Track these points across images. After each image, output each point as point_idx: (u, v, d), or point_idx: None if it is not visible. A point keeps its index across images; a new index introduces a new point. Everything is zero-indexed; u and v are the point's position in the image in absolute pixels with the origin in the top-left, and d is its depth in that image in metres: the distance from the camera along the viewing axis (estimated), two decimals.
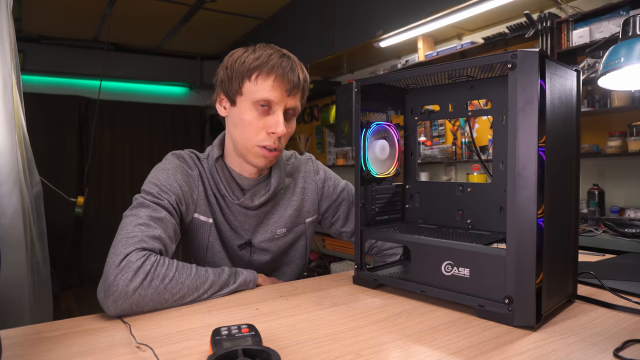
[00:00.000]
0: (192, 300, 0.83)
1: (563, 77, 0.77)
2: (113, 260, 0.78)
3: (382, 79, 0.94)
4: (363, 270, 0.95)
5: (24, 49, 4.65)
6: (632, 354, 0.59)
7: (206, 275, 0.86)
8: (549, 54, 1.12)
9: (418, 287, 0.84)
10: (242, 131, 0.97)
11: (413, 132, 1.04)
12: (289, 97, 0.96)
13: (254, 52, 0.96)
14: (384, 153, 0.98)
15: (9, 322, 1.04)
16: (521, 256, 0.69)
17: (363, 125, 0.95)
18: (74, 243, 4.94)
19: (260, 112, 0.95)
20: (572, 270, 0.81)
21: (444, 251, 0.80)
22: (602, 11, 2.19)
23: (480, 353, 0.61)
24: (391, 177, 1.03)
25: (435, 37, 3.16)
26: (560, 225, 0.76)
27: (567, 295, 0.80)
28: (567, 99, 0.78)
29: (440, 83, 0.94)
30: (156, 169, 0.98)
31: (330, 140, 4.43)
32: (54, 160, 4.83)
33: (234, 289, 0.90)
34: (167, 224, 0.89)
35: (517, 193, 0.69)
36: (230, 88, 0.97)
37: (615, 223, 1.97)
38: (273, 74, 0.93)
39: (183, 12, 4.18)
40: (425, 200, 1.02)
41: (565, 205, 0.78)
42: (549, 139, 0.70)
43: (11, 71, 1.10)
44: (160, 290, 0.79)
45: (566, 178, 0.78)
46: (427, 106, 1.05)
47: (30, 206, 1.19)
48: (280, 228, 1.08)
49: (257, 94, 0.94)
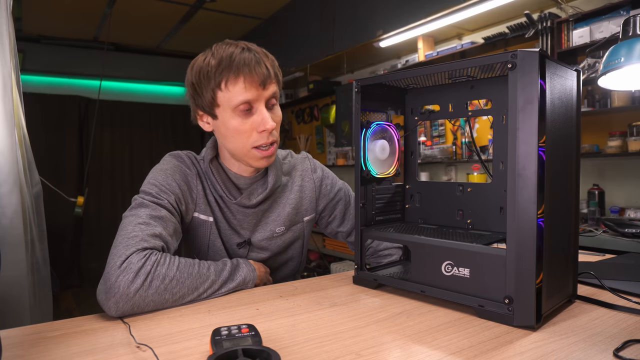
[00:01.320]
0: (191, 300, 0.84)
1: (563, 77, 0.77)
2: (114, 261, 0.78)
3: (382, 79, 0.94)
4: (363, 271, 0.95)
5: (24, 49, 4.64)
6: (632, 354, 0.59)
7: (207, 274, 0.86)
8: (549, 54, 1.11)
9: (418, 287, 0.84)
10: (233, 140, 0.95)
11: (413, 132, 1.04)
12: (265, 89, 0.93)
13: (213, 57, 0.92)
14: (384, 153, 0.98)
15: (8, 322, 1.04)
16: (521, 256, 0.69)
17: (363, 125, 0.94)
18: (74, 243, 4.94)
19: (244, 116, 0.93)
20: (572, 270, 0.81)
21: (444, 251, 0.80)
22: (602, 11, 2.19)
23: (480, 353, 0.61)
24: (391, 177, 1.03)
25: (435, 37, 3.16)
26: (560, 225, 0.76)
27: (567, 295, 0.80)
28: (568, 99, 0.78)
29: (441, 83, 0.94)
30: (154, 170, 0.98)
31: (330, 140, 4.43)
32: (54, 160, 4.83)
33: (233, 288, 0.90)
34: (168, 222, 0.90)
35: (517, 193, 0.69)
36: (205, 103, 0.95)
37: (615, 223, 1.97)
38: (241, 74, 0.90)
39: (183, 12, 4.18)
40: (425, 200, 1.02)
41: (565, 205, 0.78)
42: (549, 139, 0.70)
43: (11, 71, 1.10)
44: (160, 290, 0.79)
45: (566, 178, 0.78)
46: (427, 106, 1.05)
47: (30, 206, 1.19)
48: (279, 226, 1.08)
49: (233, 100, 0.91)
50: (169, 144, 5.63)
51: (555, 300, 0.75)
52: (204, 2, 3.89)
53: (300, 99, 4.52)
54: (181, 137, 5.77)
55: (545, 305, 0.70)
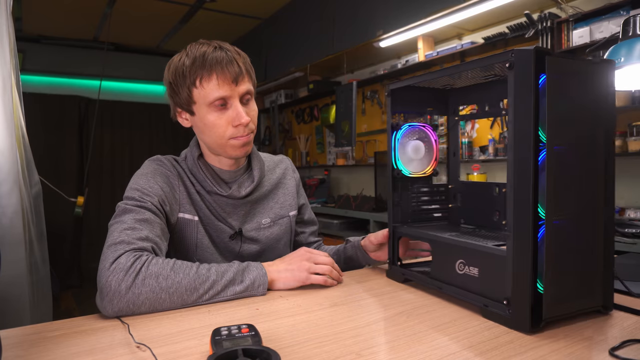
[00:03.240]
0: (193, 302, 0.82)
1: (581, 73, 0.70)
2: (103, 265, 0.80)
3: (411, 82, 0.94)
4: (395, 265, 0.99)
5: (24, 49, 4.64)
6: (628, 353, 0.59)
7: (207, 275, 0.84)
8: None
9: (437, 284, 0.85)
10: (210, 134, 0.99)
11: (453, 131, 1.04)
12: (238, 85, 0.97)
13: (187, 56, 0.96)
14: (418, 153, 1.01)
15: (8, 322, 1.04)
16: (518, 258, 0.68)
17: (393, 127, 0.98)
18: (74, 243, 4.94)
19: (219, 111, 0.97)
20: (602, 279, 0.73)
21: (457, 250, 0.81)
22: (602, 11, 2.19)
23: (480, 353, 0.61)
24: (429, 177, 1.04)
25: (435, 37, 3.16)
26: (577, 230, 0.70)
27: (595, 305, 0.73)
28: (588, 95, 0.71)
29: (474, 83, 0.94)
30: (135, 175, 1.01)
31: (330, 140, 4.43)
32: (53, 160, 4.82)
33: (240, 292, 0.86)
34: (153, 224, 0.90)
35: (514, 193, 0.68)
36: (182, 100, 0.99)
37: (616, 223, 1.97)
38: (213, 72, 0.94)
39: (183, 12, 4.18)
40: (466, 200, 1.02)
41: (586, 208, 0.71)
42: (554, 138, 0.66)
43: (11, 71, 1.10)
44: (156, 290, 0.79)
45: (588, 179, 0.71)
46: (463, 106, 1.06)
47: (29, 206, 1.19)
48: (264, 218, 1.11)
49: (208, 96, 0.95)
50: (169, 144, 5.62)
51: (568, 308, 0.70)
52: (204, 2, 3.88)
53: (300, 99, 4.52)
54: (181, 137, 5.76)
55: (551, 310, 0.67)
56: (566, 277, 0.69)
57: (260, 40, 4.51)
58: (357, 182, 4.11)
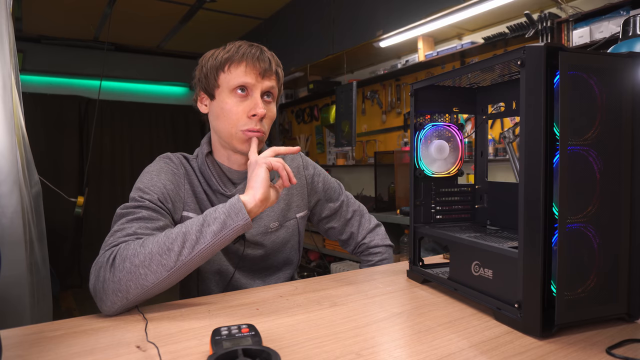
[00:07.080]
0: (175, 263, 0.77)
1: (602, 70, 0.66)
2: (91, 272, 0.82)
3: (433, 81, 0.93)
4: (416, 266, 0.98)
5: (24, 49, 4.64)
6: (626, 352, 0.59)
7: (176, 232, 0.79)
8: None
9: (453, 285, 0.85)
10: (224, 120, 1.00)
11: (481, 131, 1.03)
12: (264, 79, 1.00)
13: (224, 48, 1.02)
14: (441, 153, 1.00)
15: (8, 322, 1.04)
16: (528, 260, 0.66)
17: (416, 127, 0.98)
18: (74, 243, 4.94)
19: (239, 98, 0.99)
20: (627, 284, 0.69)
21: (473, 251, 0.80)
22: (602, 11, 2.19)
23: (480, 353, 0.61)
24: (454, 177, 1.03)
25: (435, 37, 3.16)
26: (594, 233, 0.67)
27: (618, 312, 0.70)
28: (609, 91, 0.67)
29: (496, 82, 0.93)
30: (143, 172, 1.01)
31: (330, 140, 4.43)
32: (53, 160, 4.82)
33: (220, 229, 0.79)
34: (148, 220, 0.89)
35: (525, 193, 0.66)
36: (207, 84, 1.02)
37: None
38: (244, 60, 0.98)
39: (183, 12, 4.18)
40: (493, 201, 1.01)
41: (610, 212, 0.68)
42: (570, 138, 0.64)
43: (11, 71, 1.10)
44: (131, 269, 0.77)
45: (611, 181, 0.68)
46: (493, 105, 1.05)
47: (29, 206, 1.19)
48: (273, 221, 1.10)
49: (232, 81, 0.98)
50: (169, 144, 5.62)
51: (585, 314, 0.67)
52: (204, 2, 3.88)
53: (300, 99, 4.52)
54: (181, 137, 5.76)
55: (564, 316, 0.65)
56: (582, 282, 0.66)
57: (260, 40, 4.50)
58: (357, 182, 4.11)
